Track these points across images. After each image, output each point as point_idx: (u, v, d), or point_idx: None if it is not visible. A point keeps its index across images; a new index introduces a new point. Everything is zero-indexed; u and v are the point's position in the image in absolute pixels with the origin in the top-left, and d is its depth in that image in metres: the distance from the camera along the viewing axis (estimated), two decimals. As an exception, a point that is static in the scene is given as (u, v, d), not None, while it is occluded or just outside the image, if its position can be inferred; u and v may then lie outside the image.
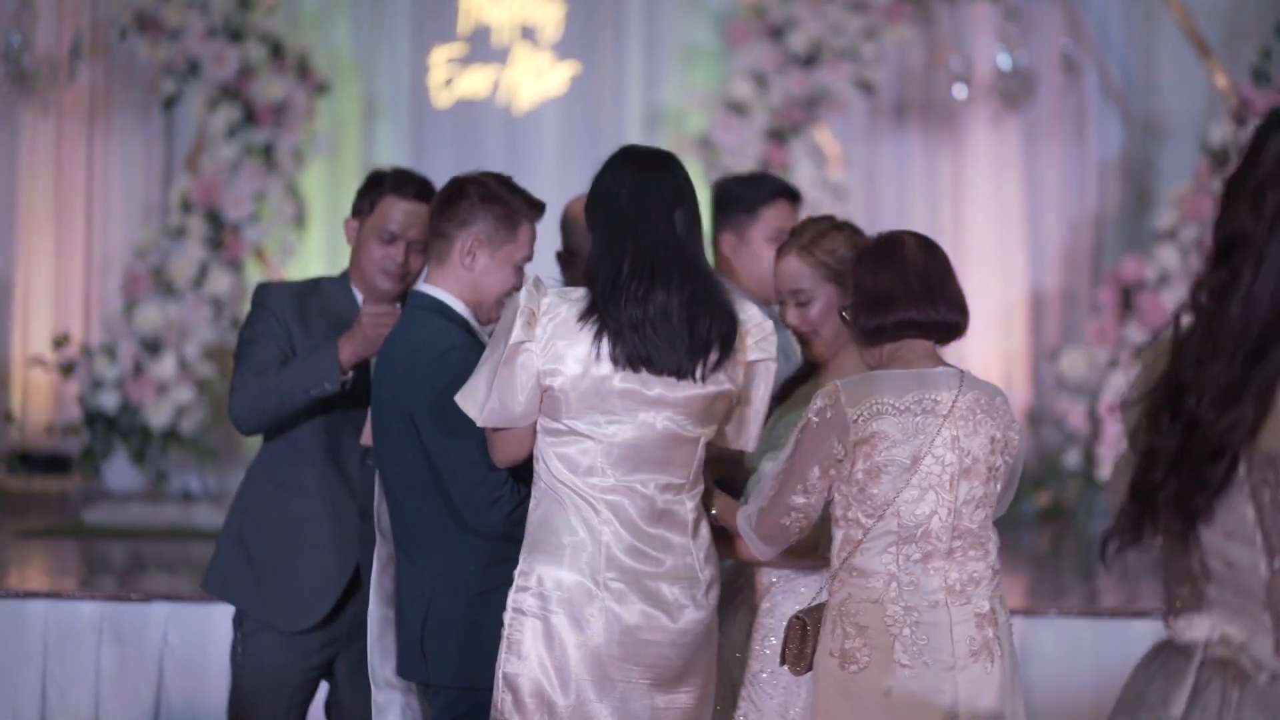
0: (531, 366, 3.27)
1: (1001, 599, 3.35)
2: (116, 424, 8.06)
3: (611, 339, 3.26)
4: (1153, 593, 6.27)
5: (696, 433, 3.34)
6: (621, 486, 3.30)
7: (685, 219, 3.34)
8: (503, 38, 8.75)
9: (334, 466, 4.00)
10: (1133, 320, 7.92)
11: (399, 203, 3.99)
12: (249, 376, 3.95)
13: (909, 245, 3.38)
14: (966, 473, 3.28)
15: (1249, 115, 7.85)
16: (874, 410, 3.25)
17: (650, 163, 3.40)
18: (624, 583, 3.28)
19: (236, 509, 4.11)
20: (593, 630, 3.27)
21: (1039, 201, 8.88)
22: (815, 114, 8.38)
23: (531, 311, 3.28)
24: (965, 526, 3.28)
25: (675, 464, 3.33)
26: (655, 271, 3.28)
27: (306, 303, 4.04)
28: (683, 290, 3.28)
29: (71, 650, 5.31)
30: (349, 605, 4.01)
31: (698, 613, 3.34)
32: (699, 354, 3.29)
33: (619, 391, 3.28)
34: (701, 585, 3.35)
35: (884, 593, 3.28)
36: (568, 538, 3.30)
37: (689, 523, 3.36)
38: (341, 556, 3.99)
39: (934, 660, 3.25)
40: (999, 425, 3.33)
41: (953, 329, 3.36)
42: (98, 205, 8.77)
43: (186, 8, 8.21)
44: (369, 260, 4.01)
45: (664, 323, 3.27)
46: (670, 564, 3.32)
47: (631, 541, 3.29)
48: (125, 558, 6.81)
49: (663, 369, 3.28)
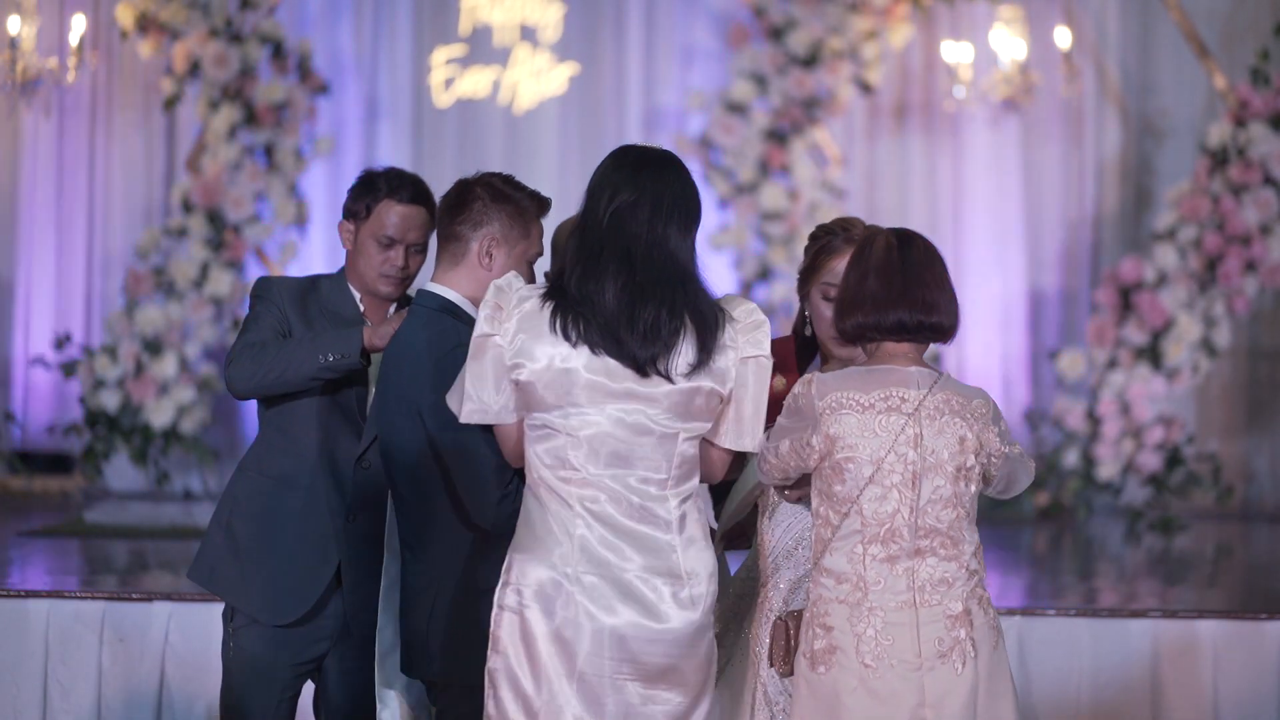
0: (500, 360, 3.28)
1: (980, 600, 3.33)
2: (118, 424, 8.07)
3: (566, 328, 3.25)
4: (1151, 592, 6.28)
5: (674, 428, 3.29)
6: (595, 481, 3.27)
7: (652, 214, 3.30)
8: (503, 38, 8.76)
9: (327, 464, 4.00)
10: (1131, 320, 7.93)
11: (396, 207, 4.00)
12: (253, 343, 3.96)
13: (877, 247, 3.37)
14: (930, 471, 3.28)
15: (1247, 115, 7.86)
16: (838, 403, 3.28)
17: (622, 159, 3.36)
18: (598, 578, 3.26)
19: (227, 498, 4.12)
20: (563, 624, 3.26)
21: (1038, 201, 8.90)
22: (815, 114, 8.39)
23: (497, 305, 3.30)
24: (931, 526, 3.28)
25: (652, 460, 3.28)
26: (598, 261, 3.26)
27: (306, 299, 4.05)
28: (618, 280, 3.25)
29: (73, 649, 5.32)
30: (335, 602, 4.02)
31: (683, 612, 3.28)
32: (651, 346, 3.24)
33: (585, 384, 3.26)
34: (687, 584, 3.28)
35: (850, 593, 3.29)
36: (544, 533, 3.30)
37: (673, 520, 3.30)
38: (325, 553, 3.99)
39: (899, 661, 3.26)
40: (970, 425, 3.31)
41: (917, 329, 3.34)
42: (99, 205, 8.78)
43: (187, 8, 8.22)
44: (368, 265, 4.02)
45: (603, 310, 3.24)
46: (649, 561, 3.27)
47: (606, 537, 3.26)
48: (126, 557, 6.82)
49: (620, 359, 3.24)
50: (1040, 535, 7.73)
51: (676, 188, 3.37)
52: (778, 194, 8.27)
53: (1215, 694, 5.34)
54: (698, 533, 3.34)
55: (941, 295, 3.34)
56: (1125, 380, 7.88)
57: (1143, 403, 7.85)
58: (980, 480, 3.35)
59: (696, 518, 3.35)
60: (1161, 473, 7.86)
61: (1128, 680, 5.36)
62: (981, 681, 3.29)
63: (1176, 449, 7.89)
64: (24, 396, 8.71)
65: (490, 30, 8.77)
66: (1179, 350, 7.84)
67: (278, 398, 4.00)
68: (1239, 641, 5.37)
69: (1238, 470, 8.61)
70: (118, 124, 8.74)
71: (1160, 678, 5.35)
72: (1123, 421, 7.86)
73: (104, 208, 8.78)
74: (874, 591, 3.27)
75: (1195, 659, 5.36)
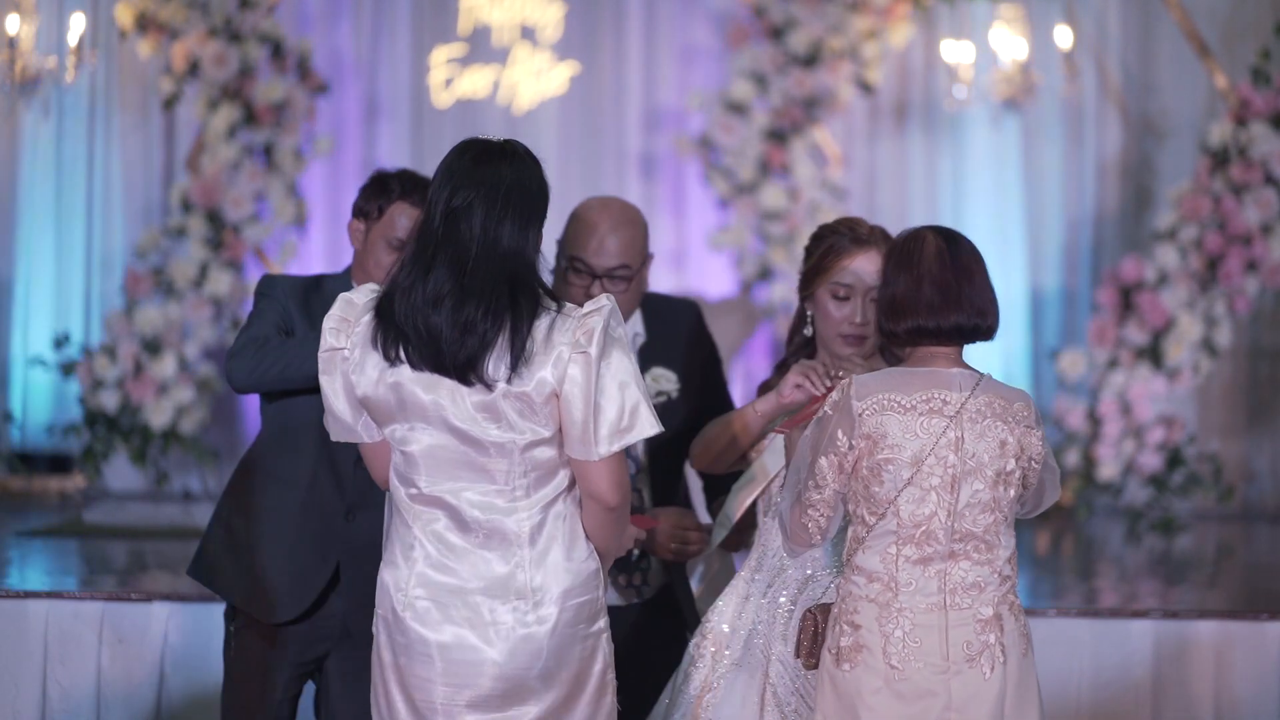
0: (347, 374, 3.19)
1: (1012, 606, 3.31)
2: (117, 424, 8.06)
3: (387, 341, 3.15)
4: (1152, 593, 6.27)
5: (505, 437, 3.14)
6: (428, 497, 3.17)
7: (486, 214, 3.16)
8: (503, 38, 8.75)
9: (327, 463, 4.00)
10: (1132, 320, 7.92)
11: (409, 209, 4.00)
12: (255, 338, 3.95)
13: (928, 248, 3.36)
14: (970, 475, 3.26)
15: (1248, 115, 7.85)
16: (880, 405, 3.26)
17: (460, 155, 3.25)
18: (431, 600, 3.16)
19: (227, 496, 4.12)
20: (398, 649, 3.18)
21: (1039, 201, 8.89)
22: (815, 114, 8.38)
23: (343, 318, 3.21)
24: (967, 530, 3.27)
25: (495, 471, 3.15)
26: (428, 271, 3.14)
27: (310, 298, 4.05)
28: (444, 287, 3.12)
29: (72, 650, 5.31)
30: (335, 601, 4.01)
31: (523, 631, 3.14)
32: (465, 351, 3.10)
33: (408, 396, 3.14)
34: (532, 603, 3.15)
35: (880, 593, 3.27)
36: (396, 548, 3.23)
37: (523, 533, 3.16)
38: (323, 553, 3.99)
39: (926, 664, 3.24)
40: (1011, 429, 3.30)
41: (972, 332, 3.35)
42: (98, 205, 8.77)
43: (186, 7, 8.21)
44: (377, 266, 4.01)
45: (424, 320, 3.12)
46: (486, 583, 3.15)
47: (439, 556, 3.17)
48: (126, 557, 6.81)
49: (439, 369, 3.12)
50: (1041, 535, 7.72)
51: (513, 180, 3.21)
52: (778, 194, 8.26)
53: (1216, 695, 5.33)
54: (557, 544, 3.19)
55: (988, 296, 3.35)
56: (1126, 380, 7.87)
57: (1143, 403, 7.84)
58: (1020, 485, 3.33)
59: (563, 526, 3.20)
60: (1162, 473, 7.85)
61: (1128, 681, 5.35)
62: (1010, 688, 3.27)
63: (1177, 449, 7.88)
64: (23, 396, 8.70)
65: (490, 30, 8.76)
66: (1180, 350, 7.83)
67: (279, 395, 4.00)
68: (1240, 642, 5.36)
69: (1239, 470, 8.61)
70: (117, 123, 8.73)
71: (1161, 678, 5.35)
72: (1123, 421, 7.85)
73: (103, 207, 8.77)
74: (905, 593, 3.26)
75: (1196, 659, 5.35)
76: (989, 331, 3.36)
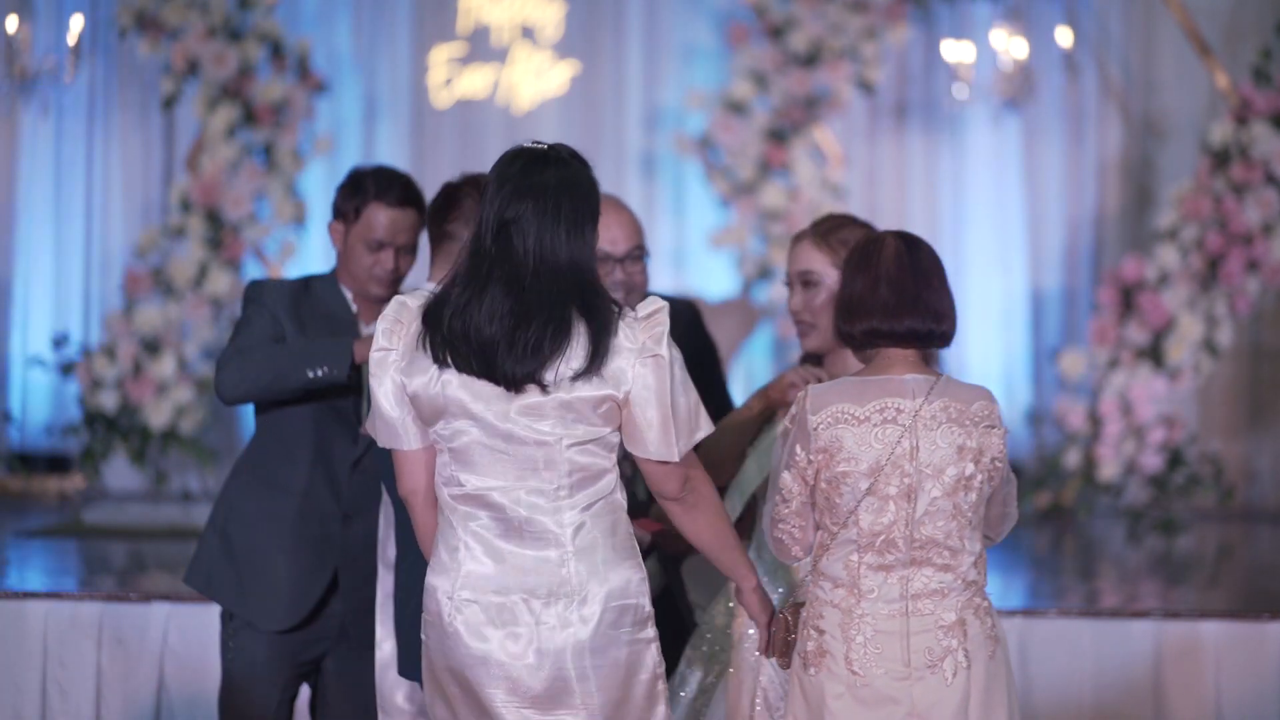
0: (398, 375, 3.18)
1: (978, 610, 3.30)
2: (116, 424, 8.05)
3: (435, 347, 3.14)
4: (1153, 593, 6.27)
5: (556, 435, 3.15)
6: (473, 496, 3.17)
7: (539, 226, 3.13)
8: (503, 37, 8.75)
9: (322, 468, 3.99)
10: (1133, 320, 7.91)
11: (384, 210, 3.99)
12: (243, 349, 3.93)
13: (887, 251, 3.34)
14: (927, 483, 3.25)
15: (1249, 115, 7.85)
16: (834, 417, 3.25)
17: (507, 169, 3.18)
18: (476, 600, 3.15)
19: (221, 503, 4.11)
20: (449, 648, 3.18)
21: (1039, 201, 8.88)
22: (815, 114, 8.37)
23: (396, 319, 3.20)
24: (928, 536, 3.26)
25: (539, 470, 3.15)
26: (485, 288, 3.12)
27: (299, 301, 4.04)
28: (504, 304, 3.11)
29: (72, 650, 5.31)
30: (333, 603, 4.01)
31: (566, 631, 3.14)
32: (528, 364, 3.09)
33: (455, 395, 3.14)
34: (575, 602, 3.15)
35: (844, 598, 3.27)
36: (443, 550, 3.23)
37: (565, 534, 3.16)
38: (321, 558, 3.98)
39: (887, 670, 3.24)
40: (969, 433, 3.27)
41: (927, 337, 3.32)
42: (97, 205, 8.77)
43: (186, 7, 8.20)
44: (359, 267, 4.01)
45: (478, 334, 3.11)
46: (529, 581, 3.16)
47: (484, 555, 3.17)
48: (125, 558, 6.81)
49: (489, 376, 3.12)
50: (1041, 536, 7.72)
51: (562, 186, 3.16)
52: (778, 193, 8.25)
53: (1218, 695, 5.33)
54: (600, 546, 3.19)
55: (946, 302, 3.33)
56: (1127, 380, 7.86)
57: (1144, 403, 7.83)
58: (984, 488, 3.31)
59: (605, 529, 3.20)
60: (1163, 473, 7.84)
61: (1129, 681, 5.35)
62: (975, 692, 3.26)
63: (1178, 449, 7.87)
64: (22, 396, 8.70)
65: (489, 29, 8.76)
66: (1181, 350, 7.82)
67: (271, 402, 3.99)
68: (1241, 642, 5.36)
69: (1240, 470, 8.60)
70: (116, 123, 8.73)
71: (1162, 679, 5.34)
72: (1124, 421, 7.84)
73: (102, 207, 8.77)
74: (867, 599, 3.26)
75: (1197, 660, 5.35)
76: (944, 338, 3.32)
